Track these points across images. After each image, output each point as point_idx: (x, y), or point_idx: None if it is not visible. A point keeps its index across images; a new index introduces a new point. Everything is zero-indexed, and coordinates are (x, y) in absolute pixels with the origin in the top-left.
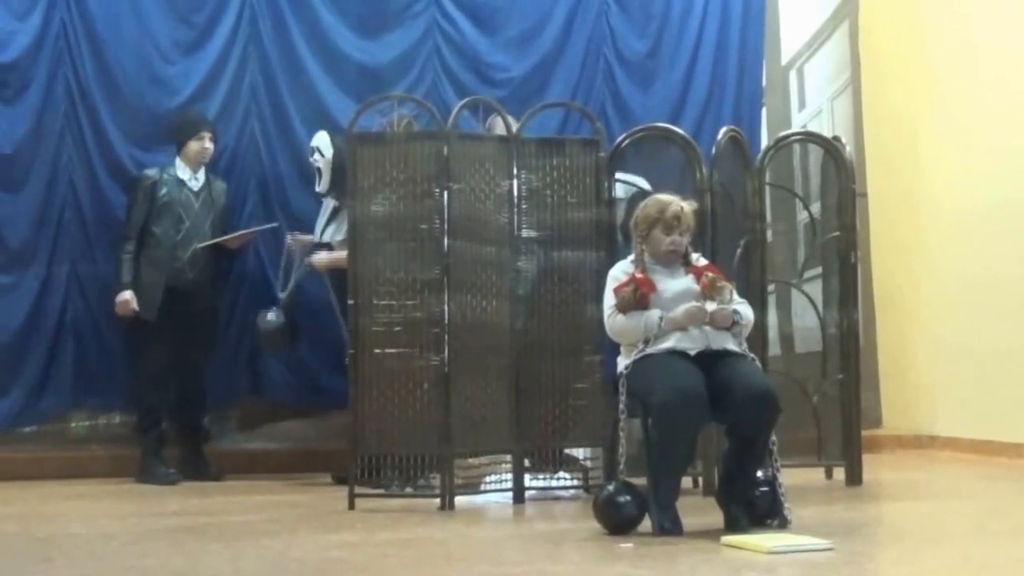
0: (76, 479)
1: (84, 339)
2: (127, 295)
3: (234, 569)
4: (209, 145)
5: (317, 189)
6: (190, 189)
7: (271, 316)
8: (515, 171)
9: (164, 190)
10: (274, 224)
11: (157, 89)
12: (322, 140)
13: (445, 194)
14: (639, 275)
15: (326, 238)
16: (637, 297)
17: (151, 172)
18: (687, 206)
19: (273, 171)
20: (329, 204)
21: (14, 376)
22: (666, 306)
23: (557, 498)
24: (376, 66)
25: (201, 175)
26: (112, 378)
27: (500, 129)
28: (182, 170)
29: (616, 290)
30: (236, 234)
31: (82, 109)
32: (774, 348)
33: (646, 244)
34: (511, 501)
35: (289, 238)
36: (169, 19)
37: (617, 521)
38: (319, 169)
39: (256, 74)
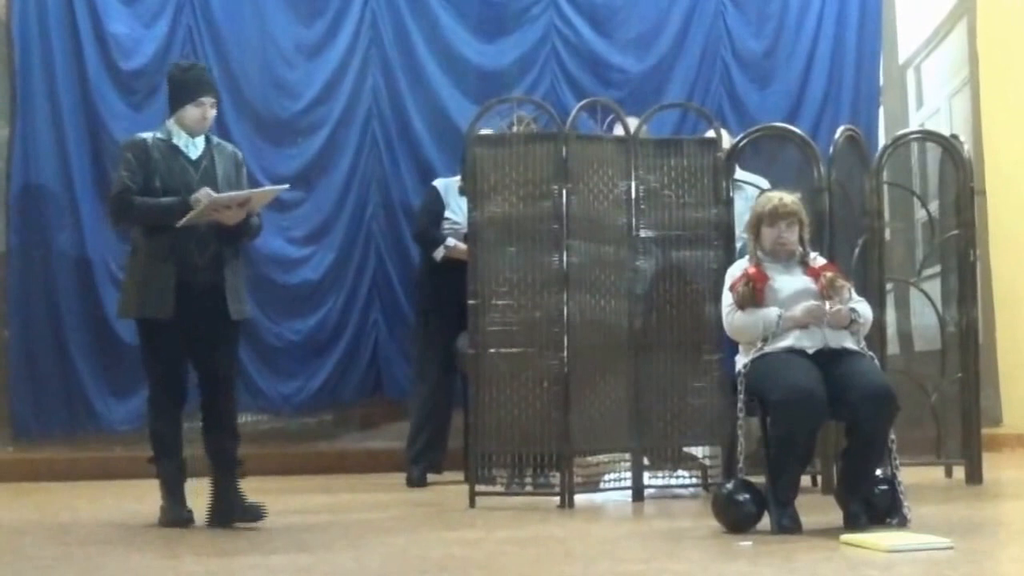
0: (203, 477)
1: None
2: (198, 194)
3: (357, 566)
4: (211, 113)
5: None
6: (187, 158)
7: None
8: (633, 171)
9: (157, 158)
10: (284, 187)
11: (280, 93)
12: None
13: (564, 195)
14: (751, 270)
15: None
16: (751, 290)
17: (143, 135)
18: (788, 198)
19: (395, 173)
20: None
21: (142, 375)
22: (784, 305)
23: (676, 496)
24: (495, 69)
25: (200, 141)
26: (239, 377)
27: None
28: (176, 135)
29: (732, 288)
30: (211, 199)
31: None
32: (893, 346)
33: (759, 241)
34: (630, 499)
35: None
36: (292, 24)
37: (736, 519)
38: None
39: (377, 77)
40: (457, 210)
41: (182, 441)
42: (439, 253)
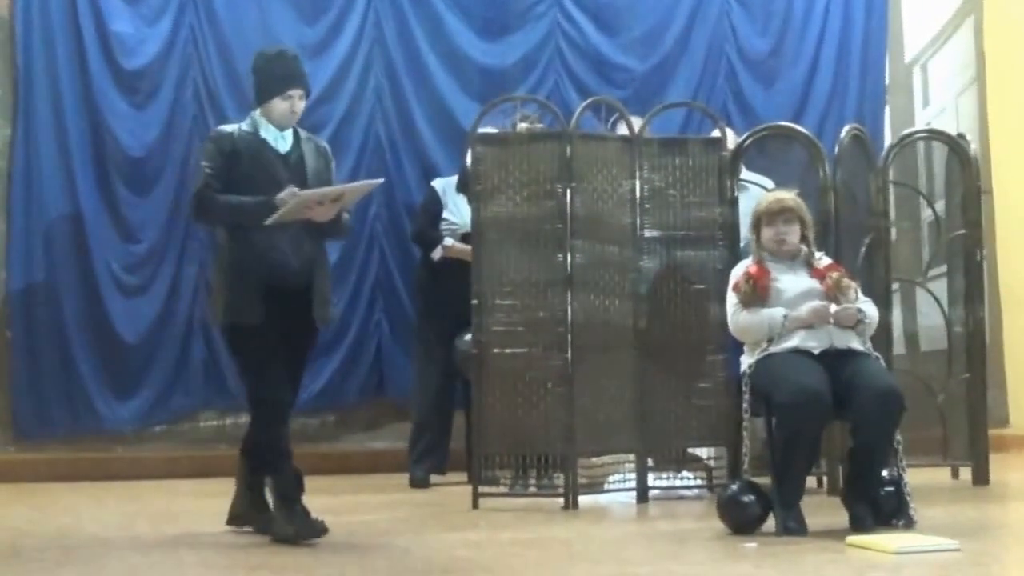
0: (206, 478)
1: (213, 339)
2: (283, 194)
3: (360, 568)
4: (300, 106)
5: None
6: (275, 152)
7: (468, 337)
8: (637, 171)
9: (243, 152)
10: (379, 181)
11: None
12: None
13: (568, 194)
14: (752, 268)
15: None
16: (753, 288)
17: (228, 128)
18: (787, 195)
19: (398, 173)
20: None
21: (144, 376)
22: (789, 305)
23: (680, 497)
24: (499, 68)
25: (289, 134)
26: (244, 378)
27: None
28: (264, 128)
29: (734, 288)
30: (307, 193)
31: (210, 112)
32: (899, 347)
33: (760, 241)
34: (634, 500)
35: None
36: (294, 23)
37: (741, 521)
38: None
39: (380, 77)
40: (455, 210)
41: (290, 449)
42: (437, 253)
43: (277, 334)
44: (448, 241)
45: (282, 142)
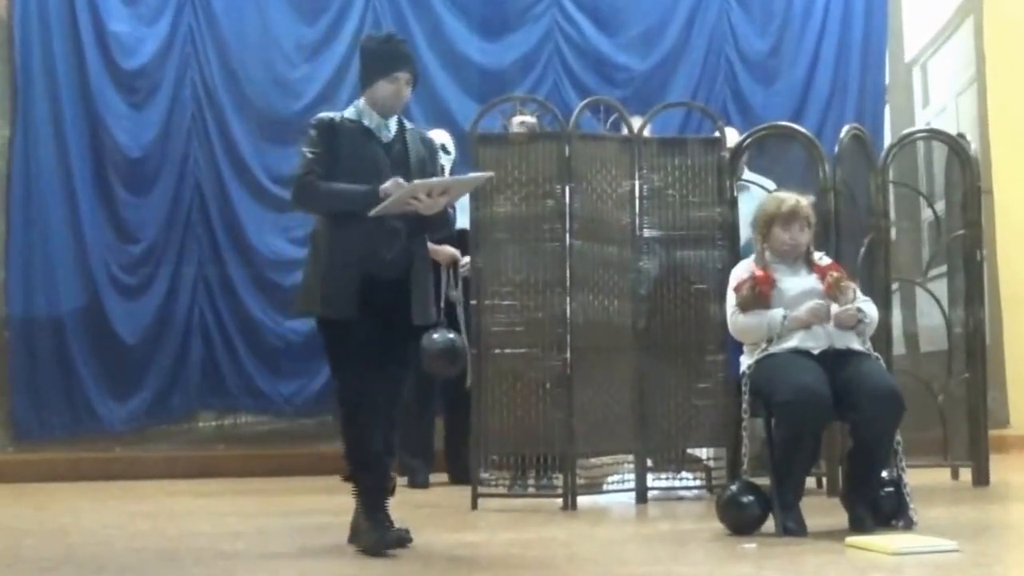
0: (204, 478)
1: (211, 339)
2: (388, 184)
3: (360, 569)
4: (406, 91)
5: None
6: (378, 141)
7: (436, 336)
8: (637, 171)
9: (344, 140)
10: (489, 174)
11: (281, 92)
12: (446, 138)
13: (567, 194)
14: (758, 273)
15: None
16: (756, 294)
17: (330, 114)
18: (803, 201)
19: None
20: None
21: (143, 376)
22: (789, 305)
23: (680, 498)
24: (498, 68)
25: (393, 123)
26: (239, 378)
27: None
28: (367, 116)
29: (736, 289)
30: (417, 184)
31: (208, 113)
32: (898, 347)
33: (767, 242)
34: (634, 501)
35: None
36: (293, 23)
37: (740, 521)
38: (442, 167)
39: None
40: None
41: (383, 450)
42: None
43: (374, 331)
44: None
45: (385, 131)
